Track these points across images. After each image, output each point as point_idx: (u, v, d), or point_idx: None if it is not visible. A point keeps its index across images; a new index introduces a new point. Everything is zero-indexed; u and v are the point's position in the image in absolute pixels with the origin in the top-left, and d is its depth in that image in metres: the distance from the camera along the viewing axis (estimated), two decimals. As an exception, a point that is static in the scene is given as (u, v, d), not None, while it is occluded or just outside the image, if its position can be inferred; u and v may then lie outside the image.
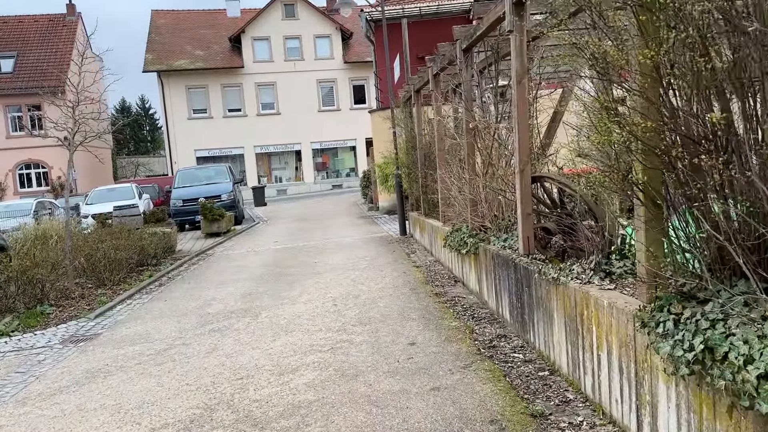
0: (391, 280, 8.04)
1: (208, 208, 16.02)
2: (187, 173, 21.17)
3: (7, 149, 33.09)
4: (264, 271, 9.85)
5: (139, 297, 8.80)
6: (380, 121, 18.01)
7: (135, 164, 50.75)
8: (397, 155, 12.52)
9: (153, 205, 22.25)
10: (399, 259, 9.70)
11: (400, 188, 12.46)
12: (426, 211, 10.59)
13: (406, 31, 13.64)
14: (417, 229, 11.36)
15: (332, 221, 17.70)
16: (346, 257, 10.44)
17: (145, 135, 64.25)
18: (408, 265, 9.07)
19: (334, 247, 11.92)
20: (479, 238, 6.36)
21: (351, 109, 39.15)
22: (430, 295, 6.91)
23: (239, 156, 37.24)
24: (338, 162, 40.44)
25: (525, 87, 4.68)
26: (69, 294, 8.98)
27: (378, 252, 10.72)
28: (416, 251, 10.37)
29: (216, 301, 7.82)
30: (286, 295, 7.77)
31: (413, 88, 10.38)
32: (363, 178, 25.53)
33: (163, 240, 12.03)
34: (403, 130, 12.08)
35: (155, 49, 36.62)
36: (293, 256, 11.35)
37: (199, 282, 9.52)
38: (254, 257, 11.69)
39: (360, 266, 9.40)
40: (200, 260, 12.13)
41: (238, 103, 37.27)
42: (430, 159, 10.30)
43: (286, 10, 38.05)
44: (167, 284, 9.70)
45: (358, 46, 39.54)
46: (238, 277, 9.51)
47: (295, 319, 6.42)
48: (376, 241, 12.37)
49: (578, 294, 3.72)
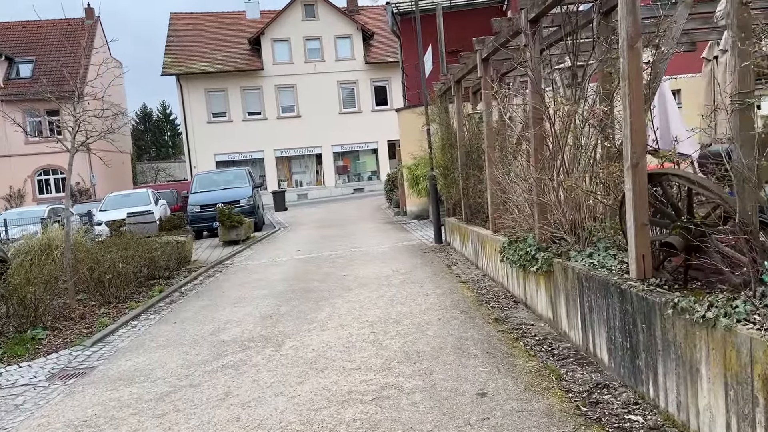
0: (436, 299, 6.83)
1: (226, 214, 15.00)
2: (205, 177, 20.25)
3: (25, 155, 32.73)
4: (286, 286, 8.72)
5: (146, 317, 7.74)
6: (408, 119, 16.84)
7: (155, 169, 50.42)
8: (431, 155, 11.31)
9: (170, 211, 21.36)
10: (440, 273, 8.49)
11: (435, 191, 11.25)
12: (468, 217, 9.37)
13: (441, 18, 12.45)
14: (456, 237, 10.14)
15: (357, 227, 16.56)
16: (378, 270, 9.26)
17: (167, 140, 64.13)
18: (452, 281, 7.85)
19: (363, 257, 10.75)
20: (553, 252, 5.13)
21: (373, 110, 38.16)
22: (488, 321, 5.69)
23: (259, 160, 36.44)
24: (360, 165, 39.44)
25: (639, 54, 3.45)
26: (68, 313, 7.97)
27: (414, 263, 9.52)
28: (457, 263, 9.14)
29: (232, 325, 6.70)
30: (313, 317, 6.61)
31: (452, 79, 9.18)
32: (387, 182, 24.36)
33: (177, 250, 10.99)
34: (439, 127, 10.88)
35: (174, 52, 36.05)
36: (318, 267, 10.21)
37: (214, 299, 8.42)
38: (275, 269, 10.58)
39: (395, 281, 8.21)
40: (217, 272, 11.07)
41: (258, 106, 36.52)
42: (473, 158, 9.09)
43: (306, 10, 37.22)
44: (179, 301, 8.63)
45: (380, 46, 38.53)
46: (258, 294, 8.39)
47: (326, 352, 5.25)
48: (409, 250, 11.17)
49: (758, 345, 2.48)
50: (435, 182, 11.22)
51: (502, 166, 6.96)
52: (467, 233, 9.01)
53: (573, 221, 4.99)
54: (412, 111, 16.74)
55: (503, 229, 7.18)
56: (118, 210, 18.14)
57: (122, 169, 40.30)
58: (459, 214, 10.27)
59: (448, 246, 11.01)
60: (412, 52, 17.49)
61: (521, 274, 6.04)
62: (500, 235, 7.07)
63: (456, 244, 10.23)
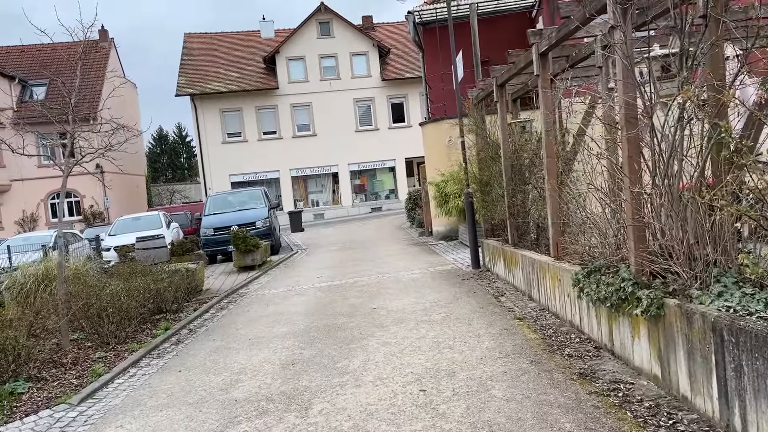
0: (493, 342, 5.63)
1: (240, 237, 13.96)
2: (219, 199, 19.31)
3: (38, 178, 32.22)
4: (309, 322, 7.57)
5: (148, 363, 6.63)
6: (433, 133, 15.80)
7: (170, 191, 49.99)
8: (466, 170, 10.18)
9: (183, 234, 20.43)
10: (487, 306, 7.28)
11: (472, 210, 10.09)
12: (515, 239, 8.18)
13: (475, 20, 11.38)
14: (499, 261, 8.94)
15: (381, 249, 15.41)
16: (413, 301, 8.08)
17: (182, 162, 63.99)
18: (505, 317, 6.64)
19: (393, 285, 9.58)
20: (662, 291, 3.94)
21: (389, 128, 37.33)
22: (571, 377, 4.47)
23: (275, 180, 35.69)
24: (377, 183, 38.49)
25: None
26: (60, 358, 6.90)
27: (453, 293, 8.32)
28: (505, 293, 7.92)
29: (247, 376, 5.56)
30: (344, 366, 5.45)
31: (495, 83, 8.07)
32: (408, 200, 23.28)
33: (186, 279, 9.92)
34: (476, 139, 9.76)
35: (188, 72, 35.64)
36: (343, 297, 9.06)
37: (227, 338, 7.30)
38: (295, 299, 9.45)
39: (436, 316, 7.02)
40: (230, 303, 9.97)
41: (273, 126, 35.87)
42: (520, 171, 7.94)
43: (321, 28, 36.70)
44: (186, 340, 7.52)
45: (396, 63, 37.82)
46: (277, 332, 7.25)
47: (367, 421, 4.08)
48: (444, 276, 9.98)
49: None
50: (471, 200, 10.06)
51: (565, 180, 5.80)
52: (515, 258, 7.82)
53: (689, 248, 3.79)
54: (437, 124, 15.70)
55: (569, 255, 5.99)
56: (127, 234, 17.22)
57: (137, 192, 39.79)
58: (502, 236, 9.09)
59: (488, 272, 9.79)
60: (435, 63, 16.52)
61: (606, 314, 4.83)
62: (567, 263, 5.87)
63: (499, 270, 9.03)
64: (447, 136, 15.21)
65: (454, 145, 15.02)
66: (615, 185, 4.64)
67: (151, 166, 59.56)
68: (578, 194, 5.92)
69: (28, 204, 32.70)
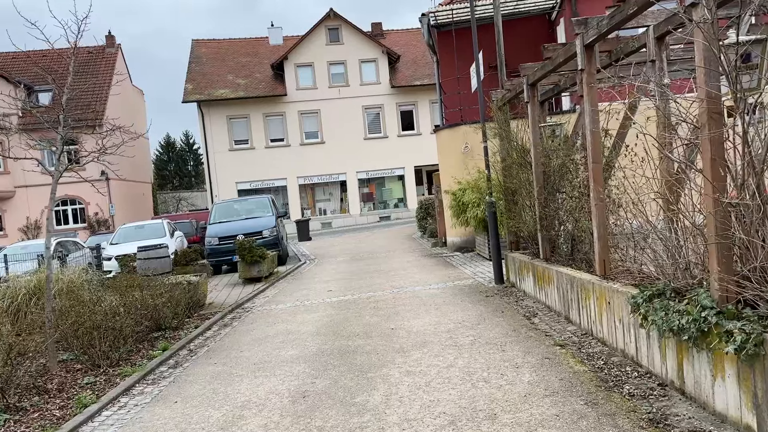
0: (534, 374, 4.89)
1: (246, 247, 13.28)
2: (224, 207, 18.66)
3: (43, 185, 31.72)
4: (321, 344, 6.86)
5: (141, 390, 5.93)
6: (448, 140, 15.11)
7: (177, 199, 49.57)
8: (489, 177, 9.47)
9: (187, 243, 19.79)
10: (519, 329, 6.54)
11: (495, 221, 9.36)
12: (547, 253, 7.44)
13: (500, 18, 10.64)
14: (527, 277, 8.20)
15: (393, 261, 14.69)
16: (435, 320, 7.35)
17: (190, 170, 63.77)
18: (543, 342, 5.89)
19: (410, 302, 8.86)
20: (760, 324, 3.21)
21: (399, 135, 36.76)
22: (641, 425, 3.72)
23: (282, 188, 35.15)
24: (385, 192, 37.86)
25: None
26: (45, 382, 6.22)
27: (478, 312, 7.58)
28: (537, 313, 7.18)
29: (251, 411, 4.85)
30: (364, 401, 4.72)
31: (526, 81, 7.37)
32: (420, 209, 22.58)
33: (188, 294, 9.24)
34: (500, 144, 9.05)
35: (195, 78, 35.24)
36: (357, 315, 8.34)
37: (229, 362, 6.59)
38: (305, 316, 8.74)
39: (463, 339, 6.29)
40: (234, 319, 9.27)
41: (281, 133, 35.36)
42: (552, 178, 7.22)
43: (330, 34, 36.23)
44: (186, 363, 6.82)
45: (406, 70, 37.31)
46: (285, 355, 6.53)
47: (396, 478, 3.35)
48: (465, 292, 9.24)
49: None
50: (495, 210, 9.34)
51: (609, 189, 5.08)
52: (549, 275, 7.08)
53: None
54: (453, 130, 15.02)
55: (620, 274, 5.26)
56: (130, 243, 16.59)
57: (142, 200, 39.34)
58: (530, 249, 8.36)
59: (512, 288, 9.05)
60: (451, 67, 15.87)
61: (674, 346, 4.09)
62: (617, 283, 5.14)
63: (526, 287, 8.29)
64: (463, 143, 14.54)
65: (471, 152, 14.37)
66: (673, 193, 3.92)
67: (158, 174, 59.28)
68: (631, 203, 5.20)
69: (33, 211, 32.27)
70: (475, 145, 14.22)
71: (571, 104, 15.09)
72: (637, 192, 5.08)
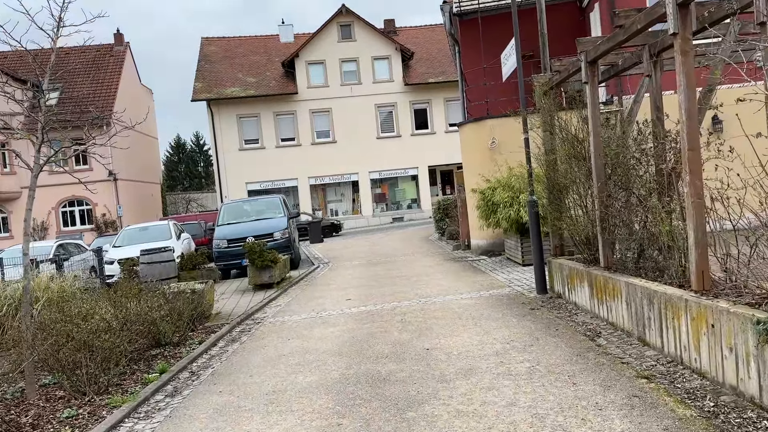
0: (627, 422, 3.79)
1: (256, 251, 12.26)
2: (233, 207, 17.68)
3: (49, 185, 31.02)
4: (344, 368, 5.80)
5: (131, 427, 4.90)
6: (474, 135, 14.03)
7: (186, 200, 48.87)
8: (530, 173, 8.36)
9: (195, 246, 18.85)
10: (584, 352, 5.43)
11: (537, 222, 8.26)
12: (608, 260, 6.33)
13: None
14: (581, 287, 7.10)
15: (414, 265, 13.62)
16: (478, 339, 6.26)
17: (200, 171, 63.33)
18: (622, 372, 4.78)
19: (443, 314, 7.78)
20: None
21: (412, 134, 35.79)
22: None
23: (293, 188, 34.26)
24: (398, 193, 36.86)
25: None
26: (19, 414, 5.24)
27: (528, 330, 6.47)
28: (599, 331, 6.06)
29: (263, 464, 3.80)
30: (408, 455, 3.66)
31: (585, 58, 6.26)
32: (438, 210, 21.50)
33: (192, 304, 8.22)
34: (544, 135, 7.95)
35: (205, 77, 34.43)
36: (383, 330, 7.28)
37: (237, 390, 5.55)
38: (323, 331, 7.69)
39: (517, 365, 5.21)
40: (243, 333, 8.24)
41: (292, 132, 34.48)
42: (615, 172, 6.12)
43: (342, 31, 35.32)
44: (186, 390, 5.79)
45: (420, 67, 36.27)
46: (303, 383, 5.48)
47: None
48: (505, 303, 8.14)
49: None
50: (537, 210, 8.24)
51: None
52: (615, 287, 5.97)
53: None
54: (478, 125, 13.94)
55: (725, 289, 4.16)
56: (134, 246, 15.66)
57: (151, 201, 38.59)
58: (581, 254, 7.25)
59: (559, 298, 7.93)
60: (475, 57, 14.78)
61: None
62: (726, 302, 4.03)
63: (579, 299, 7.18)
64: (489, 138, 13.46)
65: (498, 147, 13.27)
66: None
67: (169, 175, 58.75)
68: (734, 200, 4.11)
69: (39, 212, 31.55)
70: (503, 140, 13.14)
71: (607, 95, 13.94)
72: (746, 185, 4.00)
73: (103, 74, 34.22)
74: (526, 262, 10.99)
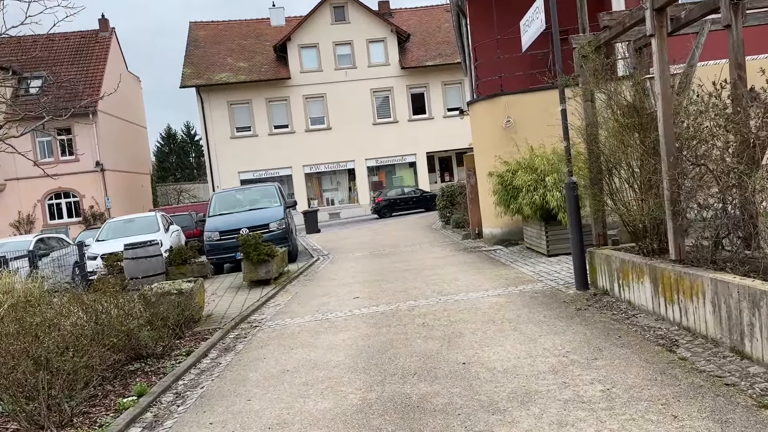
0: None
1: (251, 244, 11.11)
2: (225, 196, 16.48)
3: (35, 177, 29.58)
4: (365, 391, 4.69)
5: (94, 479, 3.79)
6: (486, 114, 12.89)
7: (177, 191, 47.50)
8: (568, 149, 7.23)
9: (185, 238, 17.65)
10: (669, 369, 4.33)
11: (577, 206, 7.15)
12: (680, 251, 5.22)
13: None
14: (639, 283, 6.00)
15: (424, 256, 12.52)
16: (525, 351, 5.15)
17: (191, 162, 61.97)
18: (727, 397, 3.70)
19: (471, 317, 6.67)
20: None
21: (409, 120, 34.65)
22: None
23: (287, 177, 33.05)
24: (396, 180, 35.74)
25: None
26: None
27: (584, 338, 5.38)
28: (677, 339, 4.96)
29: None
30: None
31: (651, 6, 5.11)
32: (442, 197, 20.40)
33: (178, 308, 7.07)
34: (585, 106, 6.82)
35: (194, 62, 32.99)
36: (404, 337, 6.17)
37: (232, 421, 4.42)
38: (331, 338, 6.57)
39: (587, 389, 4.12)
40: (238, 340, 7.11)
41: (285, 119, 33.23)
42: (689, 145, 5.00)
43: (336, 13, 33.92)
44: (168, 420, 4.67)
45: (416, 50, 34.98)
46: (313, 413, 4.36)
47: None
48: (540, 301, 7.04)
49: None
50: (576, 192, 7.12)
51: None
52: (695, 284, 4.86)
53: None
54: (491, 102, 12.79)
55: None
56: (118, 240, 14.47)
57: (141, 192, 37.22)
58: (640, 242, 6.15)
59: (605, 295, 6.84)
60: (487, 28, 13.57)
61: None
62: None
63: (636, 297, 6.08)
64: (504, 117, 12.32)
65: (515, 126, 12.14)
66: None
67: (160, 166, 57.25)
68: None
69: (25, 205, 30.20)
70: (519, 118, 12.01)
71: (629, 68, 12.79)
72: None
73: (88, 60, 32.70)
74: (551, 252, 9.90)
